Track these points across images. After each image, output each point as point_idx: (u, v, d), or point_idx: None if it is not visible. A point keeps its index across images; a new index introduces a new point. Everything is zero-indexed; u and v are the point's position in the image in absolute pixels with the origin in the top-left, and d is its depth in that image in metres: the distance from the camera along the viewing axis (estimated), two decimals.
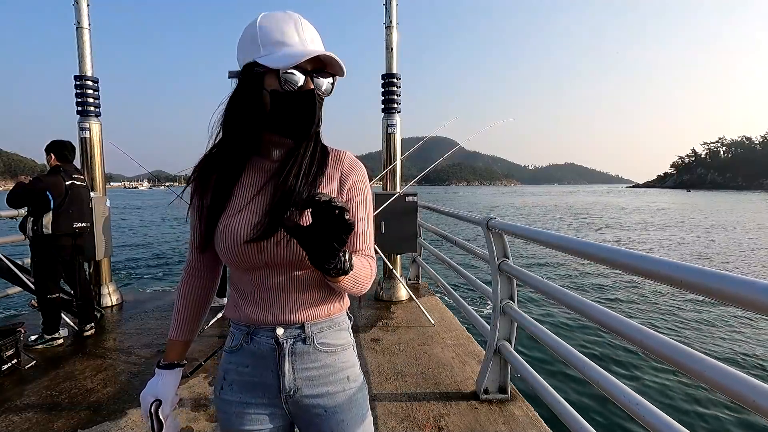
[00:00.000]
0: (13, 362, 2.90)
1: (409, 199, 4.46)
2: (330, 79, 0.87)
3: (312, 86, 0.83)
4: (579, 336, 6.25)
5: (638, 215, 32.96)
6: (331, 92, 0.89)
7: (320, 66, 0.85)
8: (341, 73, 0.86)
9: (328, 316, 0.95)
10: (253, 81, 0.84)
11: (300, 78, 0.82)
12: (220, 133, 0.91)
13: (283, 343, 0.90)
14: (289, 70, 0.81)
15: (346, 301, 1.02)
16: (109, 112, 4.48)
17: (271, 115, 0.85)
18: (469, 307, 3.47)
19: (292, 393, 0.90)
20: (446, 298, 5.06)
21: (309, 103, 0.83)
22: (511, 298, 2.47)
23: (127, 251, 15.15)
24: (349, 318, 1.03)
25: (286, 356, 0.89)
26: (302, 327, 0.91)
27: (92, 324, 3.64)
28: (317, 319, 0.93)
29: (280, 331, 0.90)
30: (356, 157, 0.99)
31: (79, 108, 4.24)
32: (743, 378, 1.01)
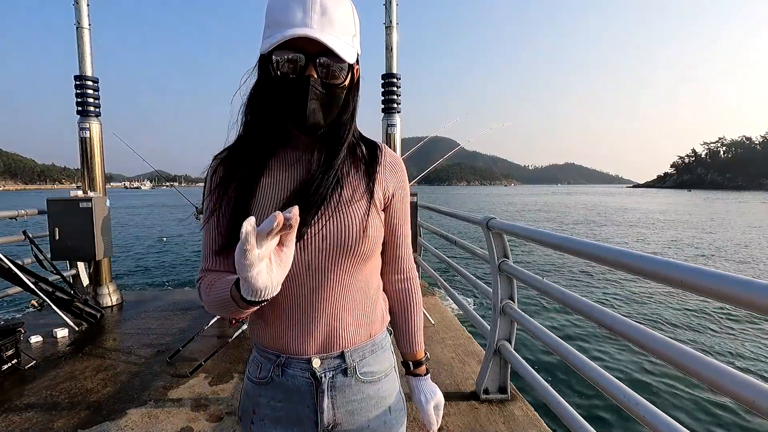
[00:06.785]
0: (13, 362, 2.90)
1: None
2: (343, 65, 0.70)
3: (314, 72, 0.68)
4: (579, 336, 6.25)
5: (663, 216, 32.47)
6: (347, 80, 0.73)
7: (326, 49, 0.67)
8: (341, 60, 0.69)
9: (370, 337, 0.81)
10: (262, 67, 0.74)
11: (294, 62, 0.68)
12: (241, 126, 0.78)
13: (321, 378, 0.76)
14: (281, 55, 0.67)
15: (387, 316, 0.88)
16: (108, 110, 4.49)
17: (279, 105, 0.72)
18: (470, 307, 3.46)
19: (330, 428, 0.79)
20: (446, 298, 5.06)
21: (298, 91, 0.68)
22: (511, 298, 2.47)
23: (127, 250, 15.15)
24: (389, 331, 0.89)
25: (326, 391, 0.76)
26: (342, 356, 0.77)
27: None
28: (358, 344, 0.79)
29: (316, 362, 0.76)
30: None
31: (79, 108, 4.24)
32: (743, 378, 1.01)
